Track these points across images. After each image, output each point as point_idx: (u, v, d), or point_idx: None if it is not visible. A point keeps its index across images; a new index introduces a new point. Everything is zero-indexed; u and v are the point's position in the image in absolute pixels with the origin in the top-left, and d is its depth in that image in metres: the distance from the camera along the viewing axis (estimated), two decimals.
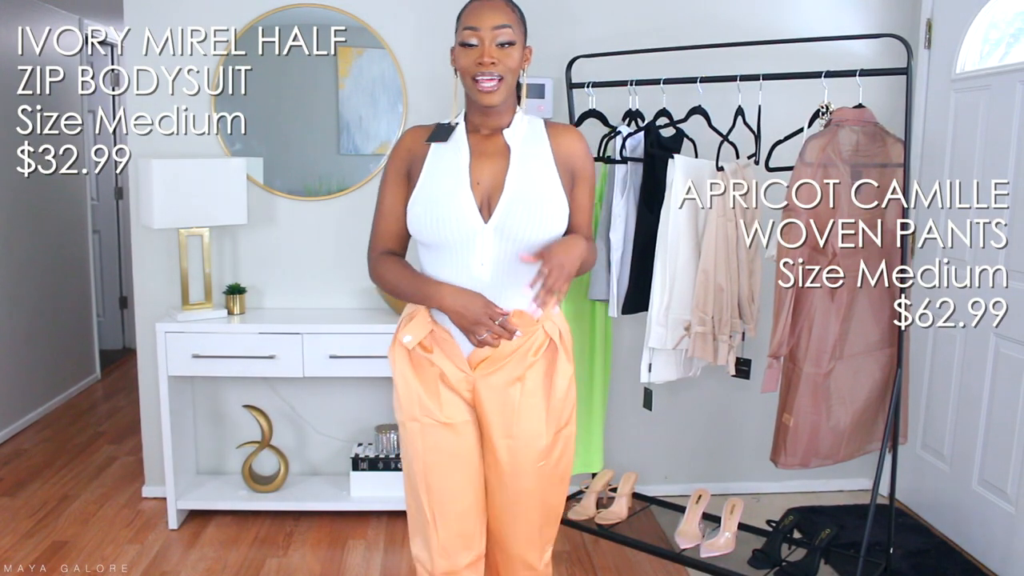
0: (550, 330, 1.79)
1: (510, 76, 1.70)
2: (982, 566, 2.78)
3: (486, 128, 1.77)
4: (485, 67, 1.67)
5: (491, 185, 1.72)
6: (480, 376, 1.76)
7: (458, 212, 1.70)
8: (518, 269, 1.72)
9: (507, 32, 1.68)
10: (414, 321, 1.79)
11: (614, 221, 2.63)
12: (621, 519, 2.82)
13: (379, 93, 3.13)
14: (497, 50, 1.68)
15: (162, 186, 2.84)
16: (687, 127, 2.63)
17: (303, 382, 3.24)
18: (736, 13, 3.12)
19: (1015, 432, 2.65)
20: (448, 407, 1.77)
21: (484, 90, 1.69)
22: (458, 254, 1.72)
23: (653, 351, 2.54)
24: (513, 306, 1.73)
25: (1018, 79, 2.64)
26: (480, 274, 1.71)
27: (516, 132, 1.76)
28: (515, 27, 1.70)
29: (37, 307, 4.27)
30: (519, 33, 1.72)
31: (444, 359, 1.77)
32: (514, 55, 1.70)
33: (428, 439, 1.78)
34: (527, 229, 1.70)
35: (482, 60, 1.67)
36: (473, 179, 1.72)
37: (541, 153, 1.76)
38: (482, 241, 1.70)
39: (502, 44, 1.68)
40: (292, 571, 2.74)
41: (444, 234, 1.70)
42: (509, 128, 1.76)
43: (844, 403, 2.40)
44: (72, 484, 3.41)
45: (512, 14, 1.72)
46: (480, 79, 1.68)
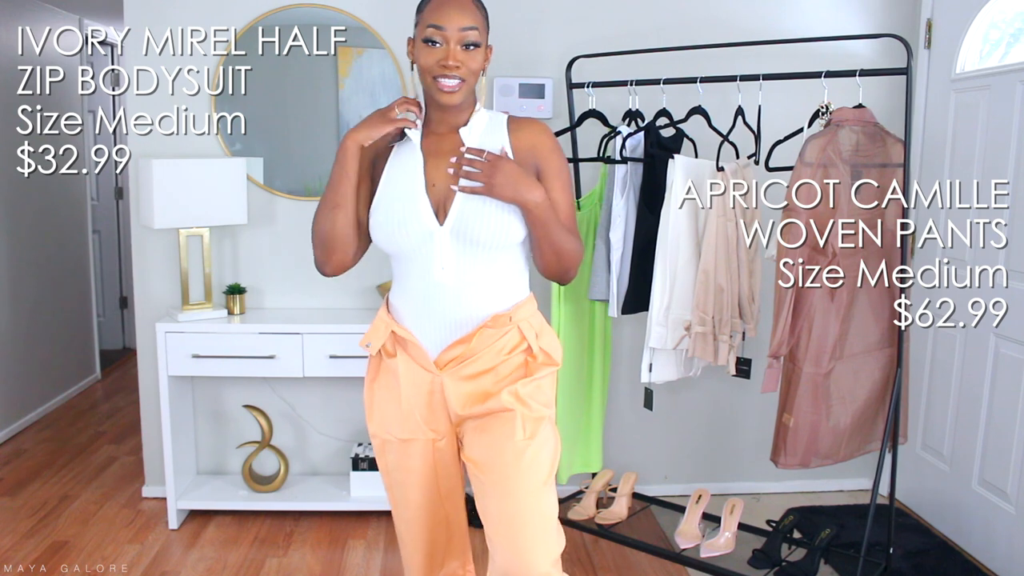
0: (525, 331, 1.69)
1: (472, 78, 1.65)
2: (982, 566, 2.78)
3: (444, 126, 1.70)
4: (449, 70, 1.61)
5: (446, 186, 1.65)
6: (447, 374, 1.68)
7: (413, 216, 1.64)
8: (482, 272, 1.66)
9: (474, 34, 1.62)
10: (372, 326, 1.74)
11: (614, 221, 2.63)
12: (621, 519, 2.82)
13: (379, 93, 3.13)
14: (462, 52, 1.62)
15: (162, 186, 2.84)
16: (687, 127, 2.63)
17: (303, 382, 3.24)
18: (736, 13, 3.12)
19: (1015, 432, 2.65)
20: (408, 422, 1.71)
21: (445, 90, 1.63)
22: (419, 260, 1.66)
23: (653, 351, 2.54)
24: (478, 310, 1.66)
25: (1018, 79, 2.64)
26: (442, 279, 1.65)
27: (472, 130, 1.69)
28: (481, 28, 1.64)
29: (37, 307, 4.27)
30: (484, 34, 1.66)
31: (409, 361, 1.70)
32: (478, 57, 1.64)
33: (390, 455, 1.76)
34: (484, 230, 1.63)
35: (446, 63, 1.61)
36: (428, 181, 1.66)
37: (496, 147, 1.68)
38: (440, 245, 1.64)
39: (467, 46, 1.62)
40: (292, 571, 2.74)
41: (402, 240, 1.65)
42: (466, 126, 1.69)
43: (844, 403, 2.40)
44: (72, 484, 3.41)
45: (478, 13, 1.66)
46: (441, 80, 1.62)
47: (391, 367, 1.73)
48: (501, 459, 1.65)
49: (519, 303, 1.70)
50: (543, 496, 1.67)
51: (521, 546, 1.64)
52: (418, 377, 1.70)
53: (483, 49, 1.66)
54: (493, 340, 1.66)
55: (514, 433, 1.64)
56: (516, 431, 1.64)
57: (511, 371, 1.69)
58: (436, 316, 1.67)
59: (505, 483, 1.65)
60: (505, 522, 1.65)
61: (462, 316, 1.66)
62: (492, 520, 1.66)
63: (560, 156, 1.72)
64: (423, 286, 1.66)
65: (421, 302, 1.67)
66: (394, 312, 1.73)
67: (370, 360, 1.78)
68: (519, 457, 1.64)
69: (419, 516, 1.79)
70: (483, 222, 1.63)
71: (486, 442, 1.67)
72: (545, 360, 1.71)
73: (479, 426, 1.69)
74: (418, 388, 1.71)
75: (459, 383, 1.68)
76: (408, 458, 1.74)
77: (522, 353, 1.69)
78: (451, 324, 1.67)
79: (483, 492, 1.68)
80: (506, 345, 1.68)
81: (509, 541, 1.64)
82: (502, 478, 1.65)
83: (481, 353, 1.66)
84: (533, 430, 1.66)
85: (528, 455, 1.64)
